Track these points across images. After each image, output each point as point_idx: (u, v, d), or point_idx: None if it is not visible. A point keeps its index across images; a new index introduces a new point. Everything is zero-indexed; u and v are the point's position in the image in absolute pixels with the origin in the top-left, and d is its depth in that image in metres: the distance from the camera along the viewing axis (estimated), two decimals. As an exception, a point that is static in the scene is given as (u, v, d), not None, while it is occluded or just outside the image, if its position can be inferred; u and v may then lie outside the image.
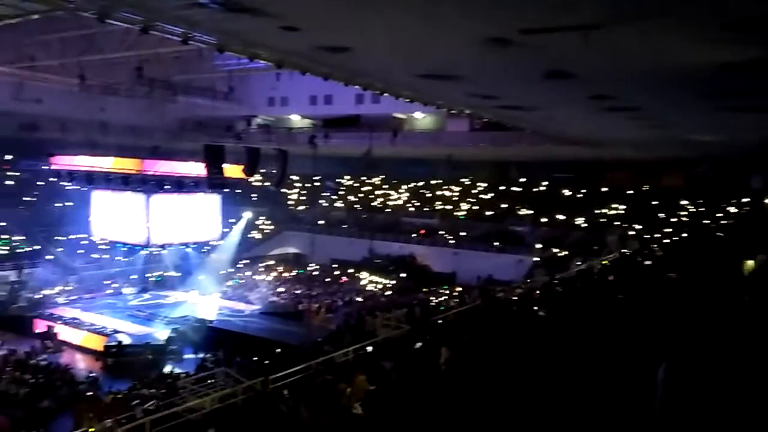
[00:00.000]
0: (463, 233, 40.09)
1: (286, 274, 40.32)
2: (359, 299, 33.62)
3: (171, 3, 8.74)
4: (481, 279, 33.50)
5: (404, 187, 46.12)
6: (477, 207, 42.20)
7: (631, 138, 22.69)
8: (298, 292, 35.90)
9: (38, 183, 40.46)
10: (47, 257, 35.53)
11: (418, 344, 11.85)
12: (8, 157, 40.36)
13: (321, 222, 44.56)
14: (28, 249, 36.41)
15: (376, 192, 47.01)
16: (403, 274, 37.73)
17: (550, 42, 8.28)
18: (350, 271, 39.97)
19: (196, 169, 26.67)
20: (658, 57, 9.33)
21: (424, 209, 44.05)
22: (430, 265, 39.56)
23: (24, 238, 37.23)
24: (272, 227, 46.80)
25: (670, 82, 11.19)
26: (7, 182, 41.20)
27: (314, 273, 40.53)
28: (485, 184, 42.67)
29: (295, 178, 45.86)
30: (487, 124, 28.99)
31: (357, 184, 47.70)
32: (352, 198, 47.17)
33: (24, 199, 40.73)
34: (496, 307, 15.53)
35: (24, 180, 41.63)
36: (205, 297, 32.92)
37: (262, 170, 28.38)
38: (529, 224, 38.74)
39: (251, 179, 30.60)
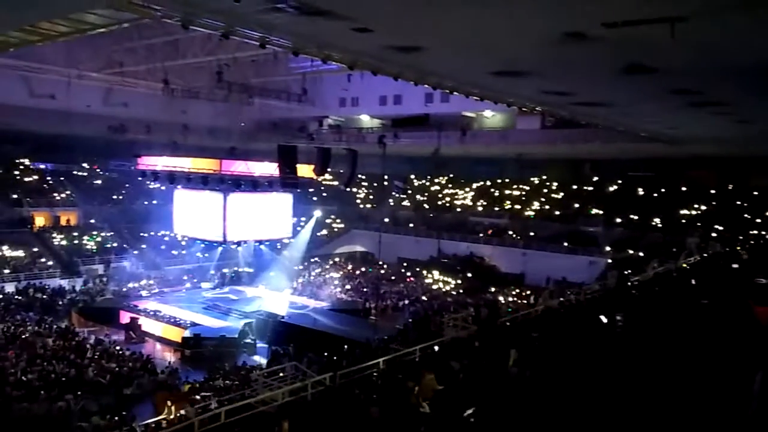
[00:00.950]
0: (532, 233, 39.20)
1: (353, 272, 40.83)
2: (425, 298, 33.57)
3: (250, 8, 9.06)
4: (551, 280, 32.67)
5: (472, 186, 45.64)
6: (547, 206, 41.16)
7: (715, 134, 21.49)
8: (365, 290, 36.27)
9: (125, 182, 43.25)
10: (133, 252, 37.67)
11: (486, 345, 11.72)
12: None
13: (388, 221, 44.85)
14: (115, 244, 38.71)
15: (444, 191, 46.77)
16: (470, 274, 37.34)
17: (631, 35, 7.99)
18: (417, 270, 39.97)
19: (270, 168, 27.51)
20: (748, 49, 8.81)
21: (492, 209, 43.42)
22: (497, 265, 38.96)
23: (111, 234, 39.62)
24: (341, 226, 47.51)
25: (761, 75, 10.52)
26: (97, 181, 44.33)
27: (381, 271, 40.84)
28: (556, 183, 41.56)
29: (363, 177, 46.39)
30: (560, 121, 28.26)
31: (425, 183, 47.67)
32: (419, 197, 47.18)
33: (112, 197, 43.49)
34: (569, 310, 15.10)
35: (112, 179, 44.74)
36: (276, 293, 33.83)
37: (332, 170, 28.83)
38: (602, 224, 37.38)
39: (321, 179, 31.19)
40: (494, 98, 16.94)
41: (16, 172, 40.82)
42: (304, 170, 26.78)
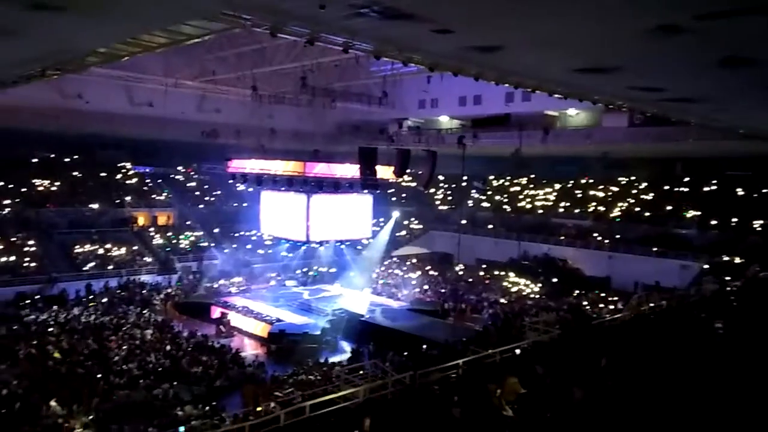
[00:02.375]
0: (618, 236, 37.53)
1: (432, 273, 40.81)
2: (504, 301, 33.03)
3: (335, 15, 9.33)
4: (639, 285, 31.18)
5: (554, 186, 44.36)
6: (636, 208, 39.26)
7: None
8: (444, 291, 36.17)
9: (217, 184, 45.64)
10: (223, 251, 39.65)
11: (572, 350, 11.42)
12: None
13: (467, 222, 44.44)
14: (207, 243, 40.93)
15: (524, 192, 45.78)
16: (552, 277, 36.33)
17: (728, 26, 7.54)
18: (496, 272, 39.36)
19: (351, 170, 28.07)
20: None
21: (576, 210, 41.99)
22: (581, 268, 37.63)
23: (204, 233, 41.94)
24: (419, 227, 47.62)
25: None
26: (191, 184, 47.14)
27: (460, 273, 40.54)
28: (645, 183, 39.57)
29: (442, 178, 46.24)
30: (650, 118, 26.94)
31: (504, 184, 46.86)
32: (499, 198, 46.43)
33: (205, 198, 46.22)
34: (662, 316, 14.40)
35: (205, 182, 47.39)
36: (356, 292, 34.44)
37: (411, 171, 28.98)
38: (695, 227, 35.17)
39: (400, 180, 31.42)
40: (579, 96, 16.42)
41: (119, 175, 44.07)
42: (384, 172, 27.06)
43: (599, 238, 38.23)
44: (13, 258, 33.28)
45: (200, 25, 11.56)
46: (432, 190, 45.86)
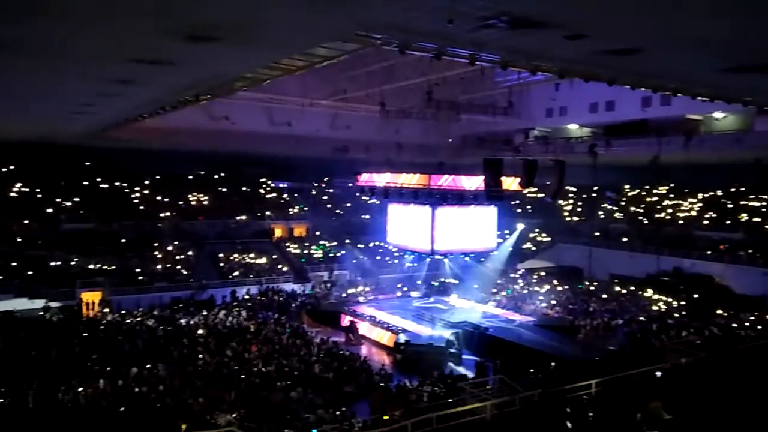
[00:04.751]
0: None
1: (560, 288, 39.20)
2: (642, 319, 30.79)
3: (462, 28, 9.48)
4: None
5: (697, 196, 40.79)
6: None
7: None
8: (573, 306, 34.54)
9: (347, 198, 48.15)
10: (352, 261, 41.18)
11: (721, 375, 10.45)
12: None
13: (599, 234, 42.18)
14: (337, 254, 42.78)
15: (664, 202, 42.56)
16: (695, 295, 33.32)
17: None
18: (632, 287, 36.92)
19: (476, 182, 27.94)
20: None
21: (724, 222, 38.23)
22: (731, 285, 34.14)
23: (335, 244, 43.98)
24: (546, 239, 46.03)
25: None
26: (324, 197, 49.99)
27: (591, 288, 38.54)
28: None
29: (570, 189, 44.41)
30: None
31: (641, 194, 43.92)
32: (634, 209, 43.58)
33: (336, 211, 48.91)
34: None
35: (336, 195, 50.30)
36: (480, 304, 34.02)
37: (537, 182, 28.25)
38: None
39: (526, 191, 30.61)
40: (727, 98, 15.12)
41: (261, 190, 48.19)
42: (510, 183, 26.67)
43: (753, 253, 34.48)
44: (169, 266, 37.11)
45: (335, 47, 12.29)
46: (560, 201, 44.16)
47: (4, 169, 40.14)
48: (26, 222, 37.07)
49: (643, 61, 10.86)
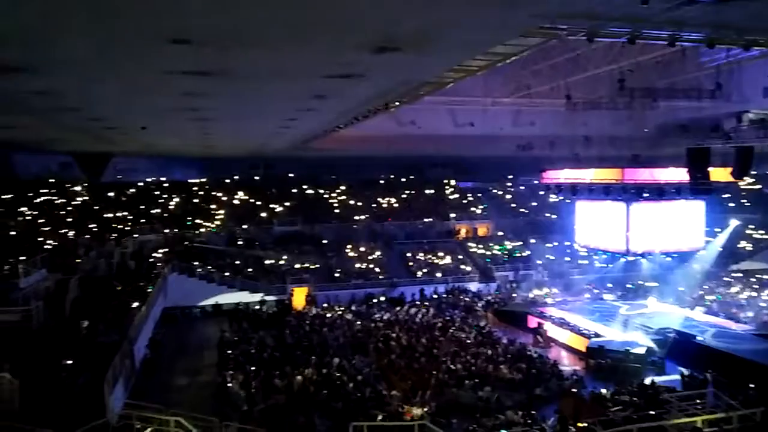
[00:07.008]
0: None
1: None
2: None
3: (659, 7, 8.79)
4: None
5: None
6: None
7: None
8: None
9: (531, 196, 47.77)
10: (538, 261, 40.23)
11: None
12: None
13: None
14: (522, 254, 42.17)
15: None
16: None
17: None
18: None
19: (678, 174, 25.65)
20: None
21: None
22: None
23: (519, 243, 43.48)
24: (766, 237, 40.04)
25: None
26: (507, 196, 49.92)
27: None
28: None
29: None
30: None
31: None
32: None
33: (520, 210, 48.65)
34: None
35: (520, 193, 50.00)
36: (685, 310, 30.88)
37: (754, 172, 25.00)
38: None
39: (741, 182, 27.28)
40: None
41: (446, 191, 49.76)
42: (719, 174, 24.13)
43: None
44: (364, 265, 39.95)
45: (516, 43, 12.14)
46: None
47: (228, 180, 46.60)
48: (245, 226, 42.58)
49: None
